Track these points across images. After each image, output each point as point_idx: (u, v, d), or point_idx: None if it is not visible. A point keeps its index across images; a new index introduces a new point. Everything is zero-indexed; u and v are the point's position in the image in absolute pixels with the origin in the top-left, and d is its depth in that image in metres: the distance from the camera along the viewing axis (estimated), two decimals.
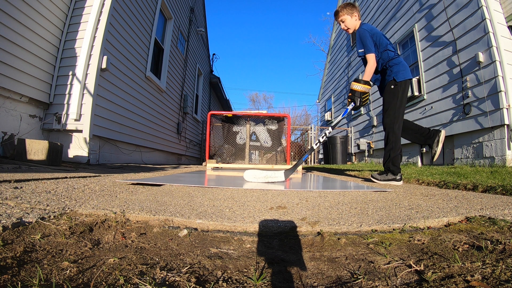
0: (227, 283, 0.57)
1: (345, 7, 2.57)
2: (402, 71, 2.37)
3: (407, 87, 2.40)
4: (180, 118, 7.85)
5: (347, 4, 2.58)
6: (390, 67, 2.42)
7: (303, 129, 13.19)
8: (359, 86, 2.32)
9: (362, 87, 2.31)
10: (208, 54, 12.33)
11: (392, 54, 2.41)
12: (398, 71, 2.37)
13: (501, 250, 0.70)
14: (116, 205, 1.08)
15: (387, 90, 2.45)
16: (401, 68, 2.38)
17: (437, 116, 5.37)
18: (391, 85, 2.40)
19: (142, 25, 5.29)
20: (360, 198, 1.47)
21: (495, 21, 4.20)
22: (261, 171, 2.24)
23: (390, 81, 2.41)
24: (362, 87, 2.32)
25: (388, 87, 2.43)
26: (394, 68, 2.39)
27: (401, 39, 6.81)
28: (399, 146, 2.39)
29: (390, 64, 2.42)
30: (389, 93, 2.41)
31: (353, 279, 0.59)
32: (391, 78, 2.40)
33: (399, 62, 2.41)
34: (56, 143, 3.10)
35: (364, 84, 2.31)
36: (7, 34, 3.14)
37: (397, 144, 2.38)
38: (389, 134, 2.39)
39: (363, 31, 2.42)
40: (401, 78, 2.36)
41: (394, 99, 2.37)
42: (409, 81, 2.40)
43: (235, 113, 4.84)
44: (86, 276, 0.56)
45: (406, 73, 2.38)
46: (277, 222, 0.95)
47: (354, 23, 2.56)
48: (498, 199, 1.46)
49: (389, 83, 2.42)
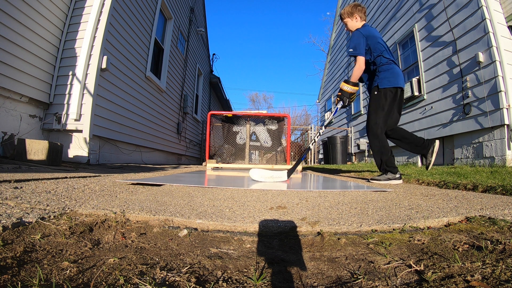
0: (227, 283, 0.57)
1: (347, 10, 2.60)
2: (389, 78, 2.38)
3: (393, 95, 2.40)
4: (180, 118, 7.85)
5: (350, 6, 2.60)
6: (378, 73, 2.45)
7: (303, 129, 13.20)
8: (348, 87, 2.40)
9: (350, 88, 2.40)
10: (208, 54, 12.33)
11: (384, 61, 2.42)
12: (383, 78, 2.39)
13: (501, 250, 0.70)
14: (116, 205, 1.08)
15: (371, 95, 2.51)
16: (388, 75, 2.39)
17: (437, 116, 5.37)
18: (374, 91, 2.46)
19: (142, 25, 5.29)
20: (360, 198, 1.47)
21: (495, 21, 4.20)
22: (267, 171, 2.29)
23: (374, 87, 2.46)
24: (350, 88, 2.40)
25: (372, 93, 2.49)
26: (381, 75, 2.42)
27: (401, 39, 6.81)
28: (387, 148, 2.42)
29: (379, 70, 2.44)
30: (372, 99, 2.48)
31: (353, 279, 0.59)
32: (375, 84, 2.45)
33: (389, 69, 2.41)
34: (56, 143, 3.10)
35: (352, 86, 2.40)
36: (7, 34, 3.14)
37: (385, 147, 2.42)
38: (371, 138, 2.45)
39: (357, 33, 2.46)
40: (385, 86, 2.38)
41: (376, 104, 2.42)
42: (395, 89, 2.39)
43: (235, 113, 4.84)
44: (86, 276, 0.56)
45: (392, 81, 2.37)
46: (277, 222, 0.95)
47: (355, 25, 2.57)
48: (498, 199, 1.46)
49: (373, 88, 2.48)
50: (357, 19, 2.56)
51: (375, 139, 2.42)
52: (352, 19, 2.57)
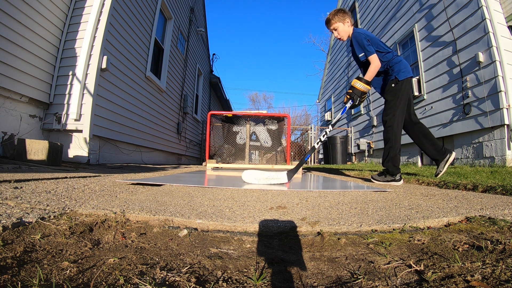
0: (227, 283, 0.57)
1: (336, 13, 2.49)
2: (404, 70, 2.38)
3: (408, 86, 2.39)
4: (180, 118, 7.85)
5: (338, 11, 2.51)
6: (391, 67, 2.43)
7: (303, 129, 13.20)
8: (360, 85, 2.30)
9: (363, 86, 2.30)
10: (208, 54, 12.33)
11: (390, 56, 2.42)
12: (399, 70, 2.38)
13: (501, 250, 0.70)
14: (116, 205, 1.08)
15: (388, 88, 2.45)
16: (402, 67, 2.39)
17: (437, 116, 5.37)
18: (392, 84, 2.40)
19: (142, 25, 5.29)
20: (360, 198, 1.47)
21: (495, 21, 4.20)
22: (262, 172, 2.14)
23: (392, 80, 2.40)
24: (363, 86, 2.30)
25: (389, 86, 2.43)
26: (396, 67, 2.40)
27: (401, 39, 6.81)
28: (398, 145, 2.38)
29: (391, 64, 2.43)
30: (390, 92, 2.41)
31: (353, 279, 0.59)
32: (392, 77, 2.40)
33: (400, 61, 2.41)
34: (56, 143, 3.10)
35: (365, 84, 2.30)
36: (7, 34, 3.14)
37: (397, 143, 2.37)
38: (388, 131, 2.39)
39: (358, 35, 2.39)
40: (403, 77, 2.36)
41: (395, 97, 2.37)
42: (410, 79, 2.40)
43: (235, 113, 4.84)
44: (86, 276, 0.56)
45: (407, 72, 2.38)
46: (277, 222, 0.95)
47: (347, 30, 2.49)
48: (498, 199, 1.46)
49: (390, 81, 2.43)
50: (349, 23, 2.49)
51: (392, 132, 2.36)
52: (344, 23, 2.48)
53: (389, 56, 2.43)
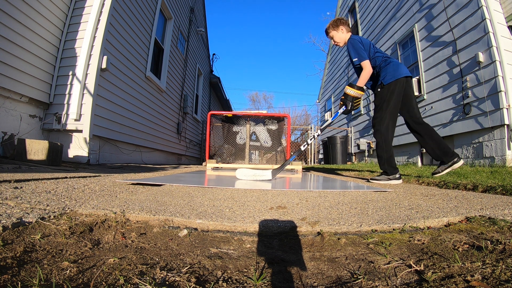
0: (227, 283, 0.57)
1: (331, 23, 2.63)
2: (390, 73, 2.38)
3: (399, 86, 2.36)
4: (180, 118, 7.85)
5: (333, 20, 2.65)
6: (378, 72, 2.49)
7: (303, 129, 13.20)
8: (352, 91, 2.37)
9: (355, 92, 2.37)
10: (208, 54, 12.33)
11: (379, 60, 2.46)
12: (386, 75, 2.40)
13: (501, 250, 0.70)
14: (116, 205, 1.08)
15: (375, 93, 2.52)
16: (389, 70, 2.39)
17: (437, 116, 5.37)
18: (378, 89, 2.46)
19: (142, 25, 5.29)
20: (360, 198, 1.47)
21: (495, 21, 4.20)
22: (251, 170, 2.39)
23: (378, 85, 2.46)
24: (355, 92, 2.37)
25: (376, 91, 2.49)
26: (382, 72, 2.44)
27: (401, 39, 6.81)
28: (390, 147, 2.41)
29: (377, 70, 2.49)
30: (377, 96, 2.48)
31: (353, 279, 0.59)
32: (379, 82, 2.46)
33: (387, 65, 2.42)
34: (56, 143, 3.10)
35: (357, 90, 2.36)
36: (7, 34, 3.14)
37: (388, 145, 2.40)
38: (377, 135, 2.43)
39: (353, 40, 2.48)
40: (388, 81, 2.38)
41: (381, 101, 2.41)
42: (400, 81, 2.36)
43: (235, 113, 4.84)
44: (86, 276, 0.56)
45: (394, 75, 2.36)
46: (277, 222, 0.95)
47: (343, 36, 2.60)
48: (498, 199, 1.46)
49: (377, 86, 2.48)
50: (343, 30, 2.59)
51: (380, 136, 2.40)
52: (338, 30, 2.58)
53: (378, 61, 2.47)
